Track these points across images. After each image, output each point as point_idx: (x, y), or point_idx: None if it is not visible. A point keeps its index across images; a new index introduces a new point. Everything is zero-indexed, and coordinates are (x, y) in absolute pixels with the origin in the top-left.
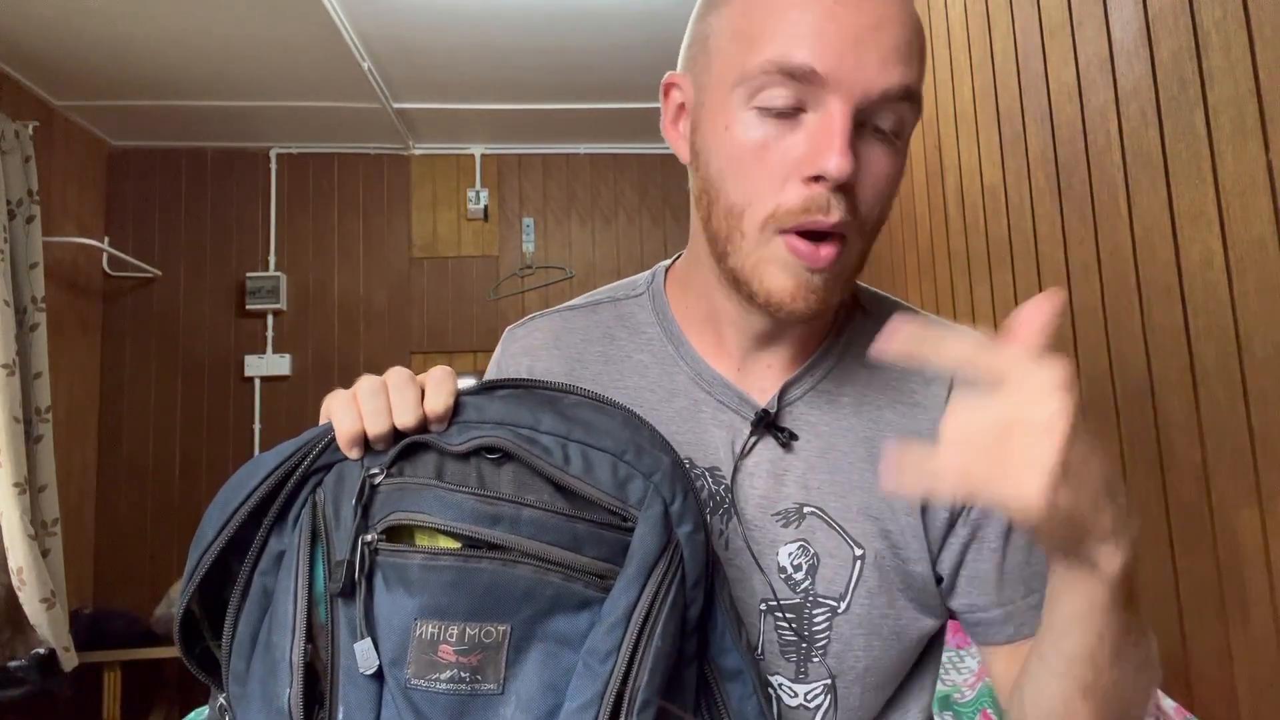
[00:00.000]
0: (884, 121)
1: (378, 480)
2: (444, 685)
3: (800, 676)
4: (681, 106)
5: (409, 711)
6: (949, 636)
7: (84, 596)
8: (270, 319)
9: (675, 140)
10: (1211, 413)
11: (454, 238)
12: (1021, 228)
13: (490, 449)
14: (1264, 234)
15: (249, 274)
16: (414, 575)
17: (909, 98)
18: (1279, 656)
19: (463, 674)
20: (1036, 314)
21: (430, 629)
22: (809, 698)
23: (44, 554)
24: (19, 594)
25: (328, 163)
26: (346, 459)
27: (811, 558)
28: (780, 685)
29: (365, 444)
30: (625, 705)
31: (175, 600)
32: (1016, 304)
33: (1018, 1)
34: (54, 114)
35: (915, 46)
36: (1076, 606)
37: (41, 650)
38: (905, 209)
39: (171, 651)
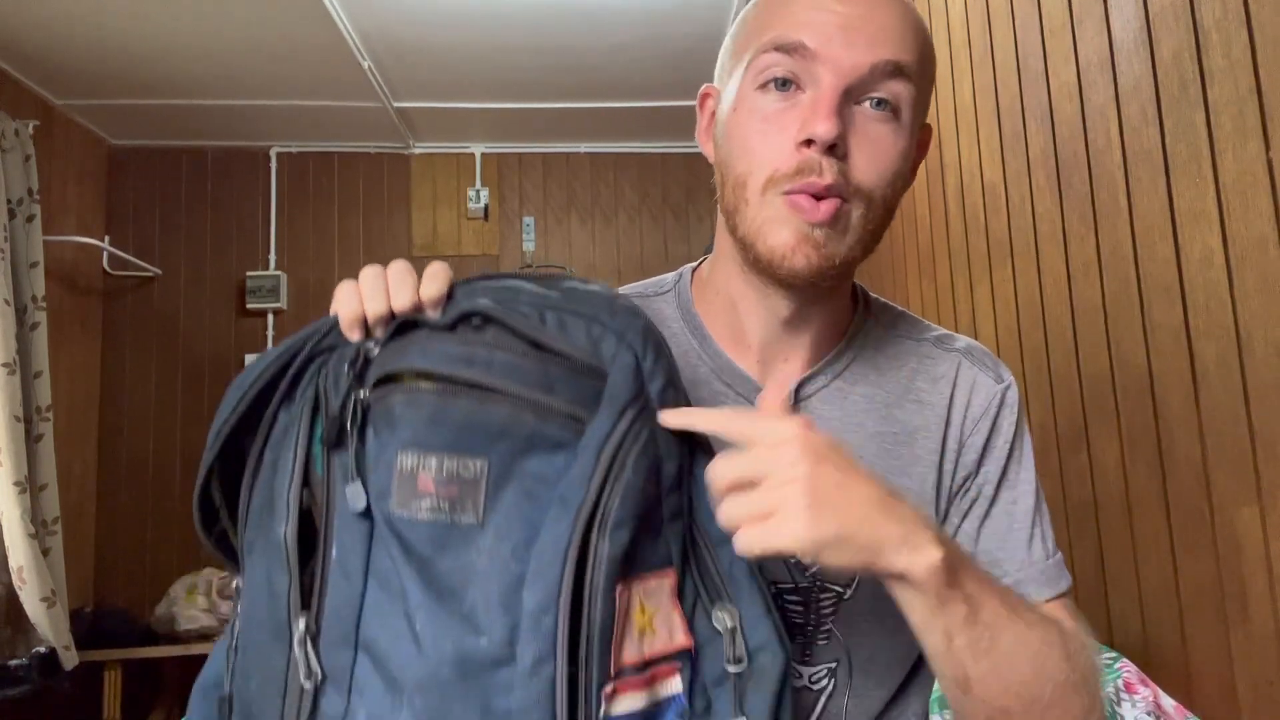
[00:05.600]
0: (876, 98)
1: (374, 354)
2: (425, 514)
3: (805, 658)
4: (713, 115)
5: (393, 541)
6: None
7: (84, 596)
8: (270, 318)
9: (705, 144)
10: (1211, 412)
11: (454, 237)
12: (1022, 227)
13: (472, 314)
14: (1264, 233)
15: (249, 273)
16: (397, 413)
17: (899, 73)
18: (1279, 656)
19: (442, 504)
20: (774, 396)
21: (410, 459)
22: (813, 679)
23: (44, 553)
24: (19, 593)
25: (328, 162)
26: (349, 343)
27: None
28: None
29: (366, 328)
30: (597, 526)
31: (176, 599)
32: (1017, 304)
33: (1018, 1)
34: (54, 113)
35: (908, 32)
36: (914, 617)
37: (42, 649)
38: (905, 209)
39: (172, 651)
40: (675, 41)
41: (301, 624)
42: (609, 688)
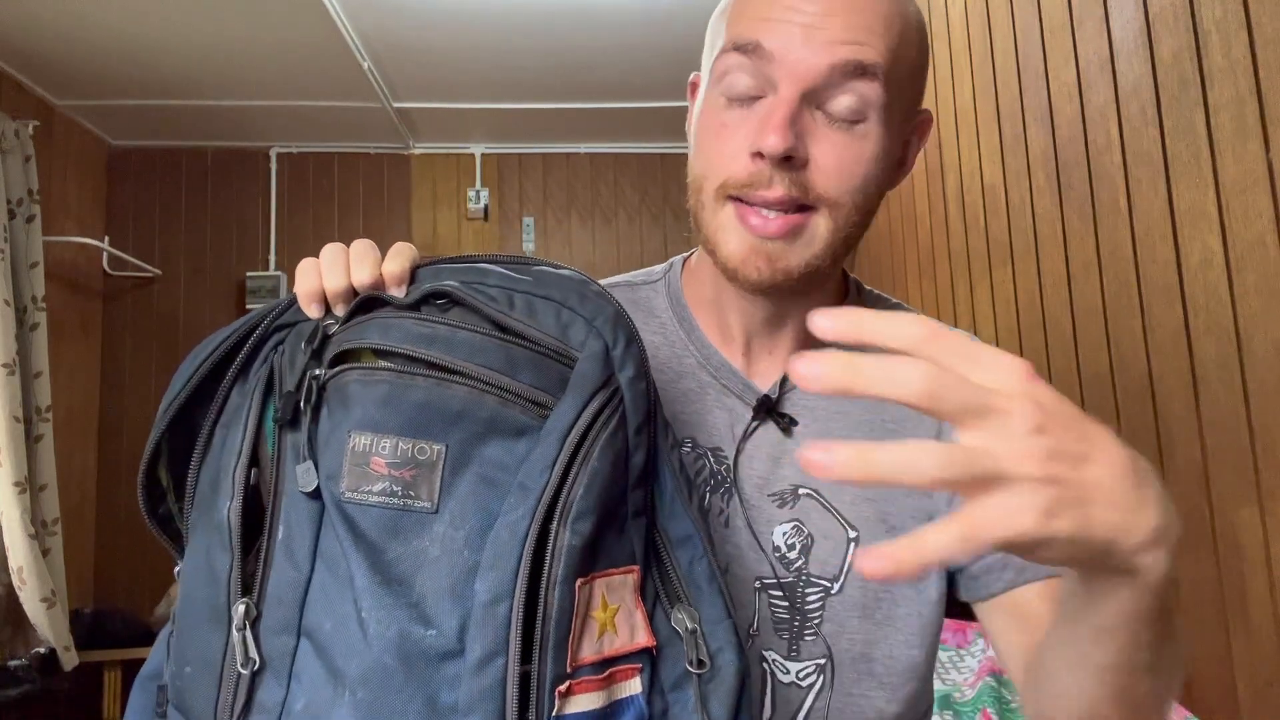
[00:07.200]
0: (839, 104)
1: (332, 331)
2: (376, 498)
3: (793, 654)
4: None
5: (343, 525)
6: (948, 636)
7: (84, 596)
8: None
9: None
10: (1211, 412)
11: (454, 237)
12: (1021, 227)
13: (437, 295)
14: (1264, 233)
15: (249, 273)
16: (351, 392)
17: (863, 73)
18: (1279, 656)
19: (395, 487)
20: None
21: (363, 441)
22: (801, 675)
23: (44, 553)
24: (19, 593)
25: (328, 162)
26: (308, 321)
27: (805, 538)
28: (773, 661)
29: (326, 304)
30: (559, 515)
31: (175, 599)
32: (1017, 304)
33: (1018, 1)
34: (54, 114)
35: (877, 24)
36: (1111, 617)
37: (42, 649)
38: (905, 209)
39: None
40: (675, 41)
41: (241, 608)
42: (564, 686)
